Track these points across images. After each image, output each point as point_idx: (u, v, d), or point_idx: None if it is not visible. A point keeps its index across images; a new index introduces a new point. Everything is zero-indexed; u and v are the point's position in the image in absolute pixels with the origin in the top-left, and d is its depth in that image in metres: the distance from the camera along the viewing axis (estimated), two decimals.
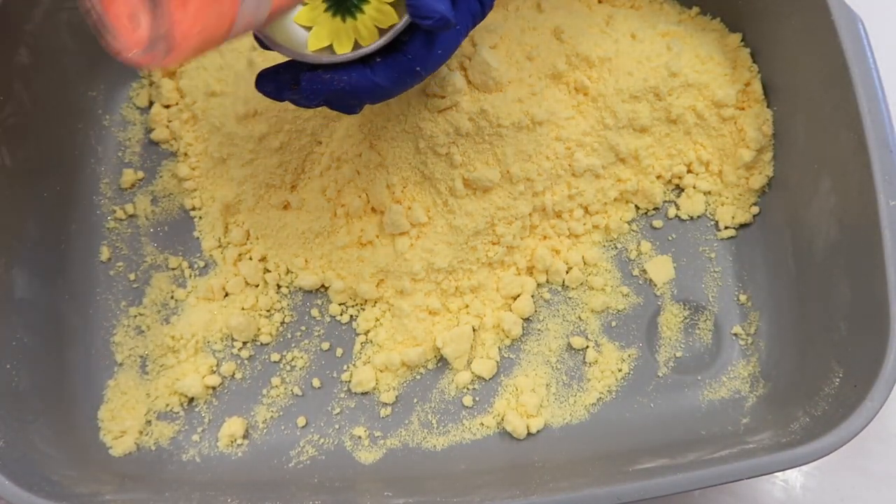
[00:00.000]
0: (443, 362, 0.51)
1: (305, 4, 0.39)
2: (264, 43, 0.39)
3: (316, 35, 0.38)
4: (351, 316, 0.52)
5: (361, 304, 0.52)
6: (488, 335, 0.51)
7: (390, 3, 0.38)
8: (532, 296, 0.52)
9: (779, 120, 0.53)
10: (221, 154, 0.53)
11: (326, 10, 0.38)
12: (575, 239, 0.53)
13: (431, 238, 0.51)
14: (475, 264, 0.51)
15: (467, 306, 0.52)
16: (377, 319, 0.52)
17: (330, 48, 0.39)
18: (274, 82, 0.40)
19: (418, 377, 0.51)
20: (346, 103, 0.40)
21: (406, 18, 0.37)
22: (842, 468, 0.51)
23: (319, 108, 0.50)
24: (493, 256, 0.51)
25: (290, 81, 0.40)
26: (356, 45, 0.38)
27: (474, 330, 0.51)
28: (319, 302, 0.53)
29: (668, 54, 0.53)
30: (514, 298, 0.52)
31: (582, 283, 0.53)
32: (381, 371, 0.51)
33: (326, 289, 0.53)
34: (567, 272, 0.53)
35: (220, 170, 0.54)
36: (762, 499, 0.51)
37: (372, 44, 0.38)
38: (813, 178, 0.49)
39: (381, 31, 0.38)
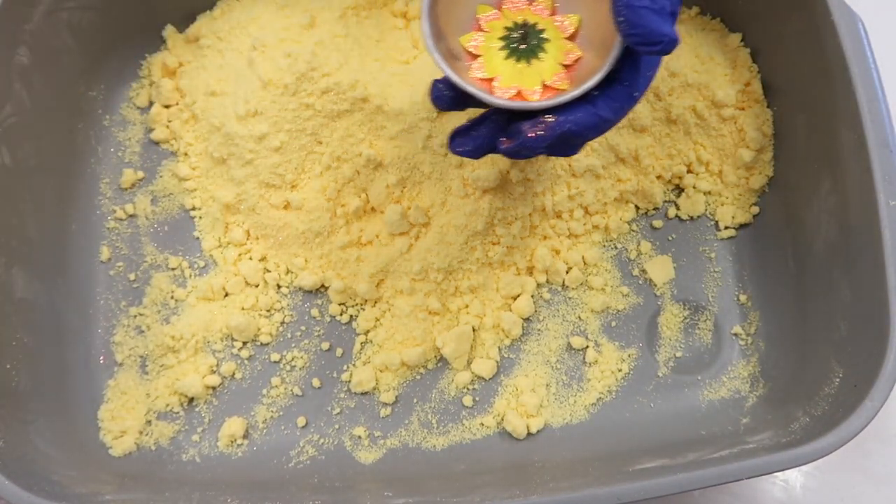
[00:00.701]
0: (443, 362, 0.51)
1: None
2: (461, 101, 0.38)
3: (503, 84, 0.38)
4: (351, 316, 0.52)
5: (361, 304, 0.52)
6: (488, 335, 0.51)
7: (567, 38, 0.39)
8: (532, 296, 0.52)
9: (779, 120, 0.53)
10: (221, 154, 0.53)
11: (507, 57, 0.39)
12: (575, 239, 0.53)
13: (431, 238, 0.51)
14: (475, 264, 0.51)
15: (467, 306, 0.52)
16: (377, 319, 0.52)
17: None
18: (473, 140, 0.39)
19: (418, 377, 0.51)
20: (572, 144, 0.38)
21: (619, 46, 0.36)
22: (842, 468, 0.51)
23: (319, 108, 0.50)
24: (493, 256, 0.51)
25: (492, 135, 0.38)
26: (545, 87, 0.38)
27: (474, 330, 0.51)
28: (319, 302, 0.53)
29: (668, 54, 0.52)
30: (514, 298, 0.52)
31: (582, 283, 0.53)
32: (381, 371, 0.51)
33: (326, 289, 0.53)
34: (567, 272, 0.53)
35: (220, 170, 0.54)
36: (762, 499, 0.51)
37: (592, 78, 0.37)
38: (813, 178, 0.49)
39: (566, 67, 0.38)
